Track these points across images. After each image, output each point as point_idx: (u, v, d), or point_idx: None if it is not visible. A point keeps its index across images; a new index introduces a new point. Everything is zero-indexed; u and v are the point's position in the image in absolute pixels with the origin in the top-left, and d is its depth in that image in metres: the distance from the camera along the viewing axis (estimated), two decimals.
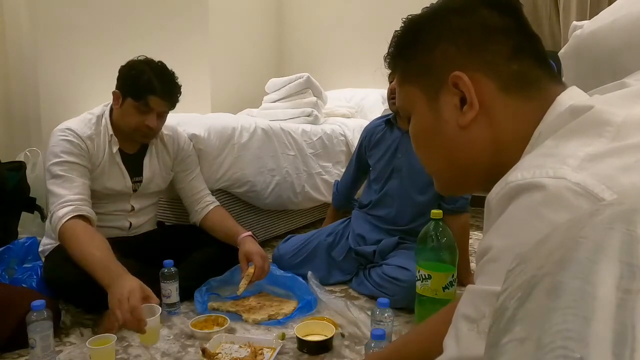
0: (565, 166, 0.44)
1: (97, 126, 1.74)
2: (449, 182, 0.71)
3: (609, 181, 0.42)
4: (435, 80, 0.64)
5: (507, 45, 0.61)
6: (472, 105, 0.61)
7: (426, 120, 0.67)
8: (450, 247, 1.56)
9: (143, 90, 1.68)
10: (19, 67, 2.34)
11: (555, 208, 0.43)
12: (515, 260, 0.37)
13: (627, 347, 0.26)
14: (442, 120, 0.64)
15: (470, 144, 0.63)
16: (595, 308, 0.28)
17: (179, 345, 1.48)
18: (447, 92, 0.63)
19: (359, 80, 3.75)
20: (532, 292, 0.32)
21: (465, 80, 0.61)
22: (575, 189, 0.42)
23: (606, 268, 0.29)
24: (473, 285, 0.51)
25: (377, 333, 1.23)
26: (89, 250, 1.50)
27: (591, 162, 0.44)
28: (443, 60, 0.63)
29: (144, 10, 2.72)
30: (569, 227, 0.35)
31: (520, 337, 0.31)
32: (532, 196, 0.45)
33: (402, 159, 1.99)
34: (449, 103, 0.63)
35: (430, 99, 0.65)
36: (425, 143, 0.69)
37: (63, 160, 1.66)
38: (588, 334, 0.27)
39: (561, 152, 0.46)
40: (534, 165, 0.47)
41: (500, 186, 0.49)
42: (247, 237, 1.80)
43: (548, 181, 0.44)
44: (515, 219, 0.47)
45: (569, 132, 0.49)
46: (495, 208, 0.50)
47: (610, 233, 0.31)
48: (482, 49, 0.62)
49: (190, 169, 2.00)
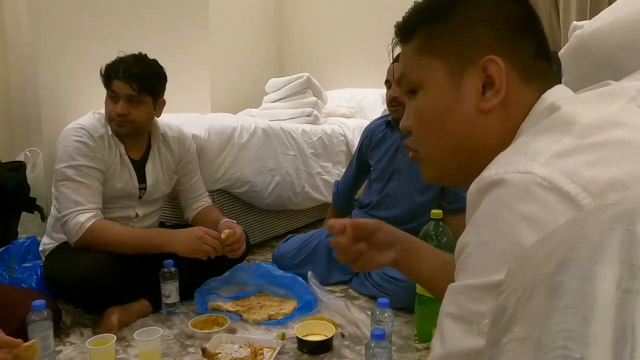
0: (533, 162, 0.47)
1: (105, 126, 1.74)
2: (443, 168, 0.68)
3: (573, 175, 0.45)
4: (464, 58, 0.62)
5: (535, 42, 0.63)
6: (499, 91, 0.60)
7: (442, 98, 0.64)
8: (450, 247, 1.55)
9: (108, 76, 1.68)
10: (19, 67, 2.34)
11: (523, 201, 0.46)
12: (515, 260, 0.37)
13: (627, 347, 0.26)
14: (461, 101, 0.62)
15: (483, 131, 0.62)
16: (595, 308, 0.28)
17: (179, 345, 1.48)
18: (472, 74, 0.61)
19: (359, 80, 3.75)
20: (532, 292, 0.32)
21: (500, 65, 0.59)
22: (542, 182, 0.45)
23: (606, 268, 0.29)
24: (454, 283, 0.53)
25: (377, 333, 1.23)
26: (129, 229, 1.71)
27: (558, 159, 0.47)
28: (478, 41, 0.61)
29: (144, 10, 2.72)
30: (569, 227, 0.36)
31: (520, 337, 0.31)
32: (501, 190, 0.48)
33: (402, 160, 1.99)
34: (472, 86, 0.61)
35: (453, 76, 0.63)
36: (434, 122, 0.65)
37: (79, 164, 1.65)
38: (588, 334, 0.27)
39: (531, 150, 0.49)
40: (506, 162, 0.50)
41: (476, 182, 0.52)
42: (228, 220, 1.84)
43: (517, 176, 0.47)
44: (488, 214, 0.49)
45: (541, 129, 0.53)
46: (470, 204, 0.52)
47: (610, 233, 0.31)
48: (516, 42, 0.61)
49: (192, 173, 2.00)
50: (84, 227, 1.59)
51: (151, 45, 2.56)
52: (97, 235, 1.60)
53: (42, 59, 2.27)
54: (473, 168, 0.63)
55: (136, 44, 2.01)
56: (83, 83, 2.37)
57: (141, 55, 1.73)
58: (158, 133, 1.85)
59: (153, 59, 1.75)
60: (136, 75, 1.66)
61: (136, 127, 1.73)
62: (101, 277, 1.53)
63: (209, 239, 1.64)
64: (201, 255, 1.64)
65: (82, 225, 1.59)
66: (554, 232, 0.36)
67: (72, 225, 1.60)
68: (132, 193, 1.80)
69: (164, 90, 1.80)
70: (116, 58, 1.71)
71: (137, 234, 1.69)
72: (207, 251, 1.64)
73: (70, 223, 1.60)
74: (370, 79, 3.49)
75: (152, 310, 1.69)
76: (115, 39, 2.49)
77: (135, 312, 1.65)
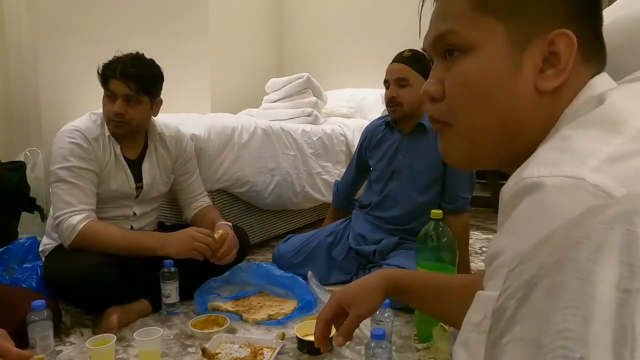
0: (583, 166, 0.42)
1: (102, 127, 1.73)
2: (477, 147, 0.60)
3: (629, 184, 0.40)
4: (531, 27, 0.54)
5: (599, 23, 0.57)
6: (562, 71, 0.54)
7: (498, 67, 0.56)
8: (450, 247, 1.56)
9: (105, 76, 1.68)
10: (19, 67, 2.34)
11: (571, 210, 0.40)
12: (515, 260, 0.37)
13: (627, 347, 0.26)
14: (518, 76, 0.55)
15: (533, 113, 0.55)
16: (595, 308, 0.28)
17: (179, 345, 1.48)
18: (536, 46, 0.54)
19: (359, 80, 3.75)
20: (532, 292, 0.32)
21: (573, 40, 0.53)
22: (594, 191, 0.41)
23: (606, 268, 0.29)
24: (483, 292, 0.49)
25: (377, 333, 1.23)
26: (123, 232, 1.68)
27: (611, 164, 0.42)
28: (550, 11, 0.55)
29: (144, 10, 2.72)
30: (569, 227, 0.35)
31: (520, 337, 0.31)
32: (547, 196, 0.43)
33: (402, 161, 1.99)
34: (533, 60, 0.54)
35: (515, 44, 0.55)
36: (482, 93, 0.57)
37: (72, 166, 1.64)
38: (588, 334, 0.27)
39: (578, 149, 0.44)
40: (550, 162, 0.44)
41: (515, 180, 0.46)
42: (224, 223, 1.84)
43: (564, 181, 0.42)
44: (529, 220, 0.44)
45: (587, 123, 0.47)
46: (507, 204, 0.47)
47: (610, 233, 0.31)
48: (584, 19, 0.56)
49: (190, 173, 1.99)
50: (76, 229, 1.59)
51: (151, 45, 2.56)
52: (89, 238, 1.60)
53: (42, 59, 2.27)
54: (511, 152, 0.58)
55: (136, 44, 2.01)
56: (83, 83, 2.37)
57: (138, 54, 1.73)
58: (155, 132, 1.85)
59: (150, 59, 1.75)
60: (134, 75, 1.66)
61: (133, 127, 1.73)
62: (100, 277, 1.54)
63: (201, 237, 1.65)
64: (195, 254, 1.64)
65: (74, 227, 1.59)
66: (554, 232, 0.36)
67: (64, 227, 1.60)
68: (129, 193, 1.80)
69: (161, 90, 1.80)
70: (113, 57, 1.71)
71: (129, 239, 1.66)
72: (201, 249, 1.64)
73: (63, 225, 1.60)
74: (370, 79, 3.49)
75: (152, 310, 1.69)
76: (115, 39, 2.49)
77: (135, 312, 1.65)
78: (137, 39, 2.56)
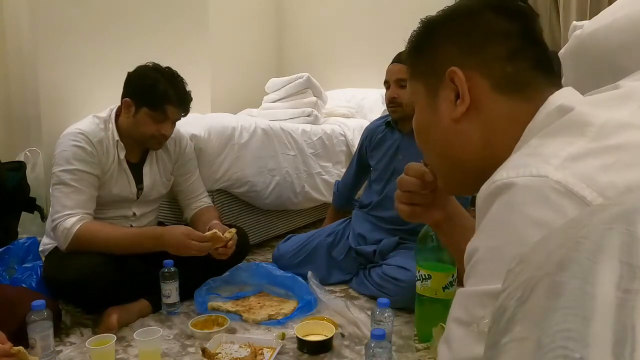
0: (547, 165, 0.46)
1: (105, 131, 1.73)
2: (447, 178, 0.74)
3: (588, 180, 0.43)
4: (436, 78, 0.67)
5: (505, 48, 0.64)
6: (463, 98, 0.64)
7: (425, 115, 0.71)
8: None
9: (160, 100, 1.68)
10: (19, 67, 2.34)
11: (537, 206, 0.45)
12: (515, 260, 0.37)
13: (627, 347, 0.26)
14: (439, 114, 0.68)
15: (461, 137, 0.66)
16: (595, 308, 0.28)
17: (179, 345, 1.48)
18: (445, 87, 0.66)
19: (359, 80, 3.74)
20: (532, 292, 0.32)
21: (459, 75, 0.64)
22: (556, 187, 0.44)
23: (606, 268, 0.29)
24: (463, 288, 0.52)
25: (377, 333, 1.23)
26: (120, 232, 1.68)
27: (572, 162, 0.45)
28: (445, 60, 0.66)
29: (144, 10, 2.72)
30: (568, 227, 0.36)
31: (520, 337, 0.31)
32: (513, 194, 0.47)
33: (402, 161, 1.99)
34: (446, 98, 0.66)
35: (431, 95, 0.69)
36: (424, 137, 0.73)
37: (74, 169, 1.64)
38: (588, 334, 0.27)
39: (544, 152, 0.48)
40: (518, 165, 0.49)
41: (487, 185, 0.51)
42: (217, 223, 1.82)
43: (530, 179, 0.46)
44: (499, 218, 0.48)
45: (553, 131, 0.51)
46: (481, 207, 0.51)
47: (610, 233, 0.31)
48: (480, 50, 0.65)
49: (190, 173, 1.99)
50: (71, 232, 1.59)
51: (151, 45, 2.57)
52: (84, 240, 1.59)
53: (42, 59, 2.27)
54: (470, 173, 0.67)
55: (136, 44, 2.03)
56: (83, 83, 2.37)
57: (178, 75, 1.76)
58: None
59: (181, 77, 1.78)
60: (189, 102, 1.77)
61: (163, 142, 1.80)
62: (100, 277, 1.54)
63: (195, 235, 1.64)
64: (191, 252, 1.63)
65: (69, 231, 1.59)
66: (554, 232, 0.36)
67: (60, 231, 1.60)
68: (129, 197, 1.81)
69: None
70: (153, 73, 1.71)
71: (127, 240, 1.66)
72: (195, 247, 1.63)
73: (58, 229, 1.60)
74: (370, 79, 3.48)
75: (152, 310, 1.70)
76: (115, 39, 2.49)
77: (135, 312, 1.65)
78: (137, 39, 2.56)
